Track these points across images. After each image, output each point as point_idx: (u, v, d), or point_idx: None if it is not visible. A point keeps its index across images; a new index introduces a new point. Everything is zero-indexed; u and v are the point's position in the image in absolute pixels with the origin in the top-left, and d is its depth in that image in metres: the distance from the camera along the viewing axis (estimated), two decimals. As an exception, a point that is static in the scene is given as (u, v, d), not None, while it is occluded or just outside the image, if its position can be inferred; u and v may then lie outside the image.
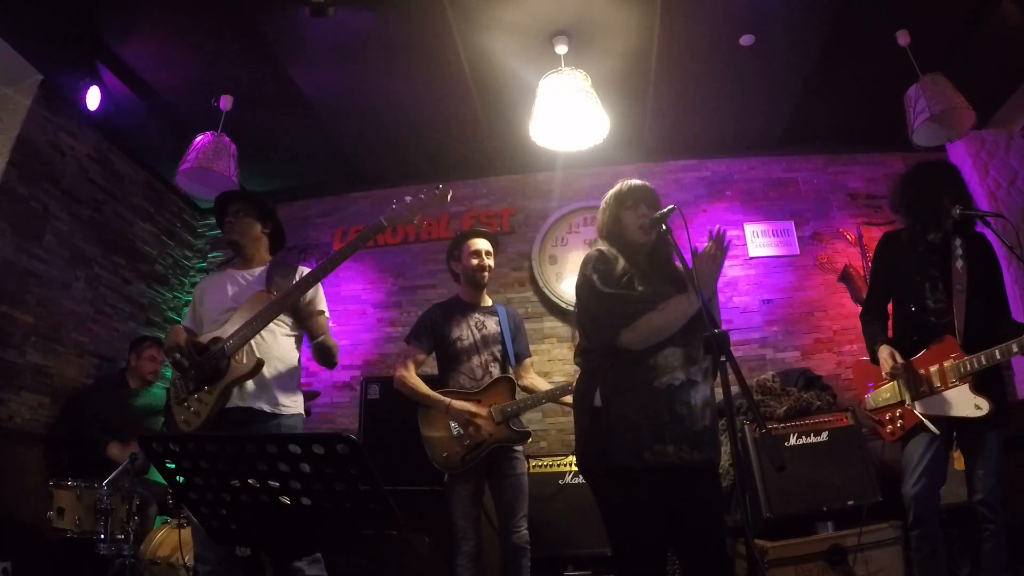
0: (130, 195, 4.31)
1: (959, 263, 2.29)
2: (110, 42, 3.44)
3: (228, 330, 2.27)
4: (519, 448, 2.81)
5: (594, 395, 1.86)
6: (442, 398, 2.71)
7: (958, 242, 2.33)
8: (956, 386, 2.17)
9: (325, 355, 2.41)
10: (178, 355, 2.26)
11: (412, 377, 2.79)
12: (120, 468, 2.90)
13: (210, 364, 2.23)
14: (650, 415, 1.77)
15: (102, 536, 2.76)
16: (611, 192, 2.07)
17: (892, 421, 2.35)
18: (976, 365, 2.13)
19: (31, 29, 3.29)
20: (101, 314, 3.98)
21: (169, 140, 4.04)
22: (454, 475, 2.67)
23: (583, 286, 1.95)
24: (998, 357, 2.08)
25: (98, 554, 2.77)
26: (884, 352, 2.31)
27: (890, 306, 2.51)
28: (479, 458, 2.66)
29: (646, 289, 1.88)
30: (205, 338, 2.31)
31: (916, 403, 2.27)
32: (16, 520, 3.08)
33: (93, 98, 3.56)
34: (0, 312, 3.28)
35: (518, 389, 2.87)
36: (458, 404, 2.68)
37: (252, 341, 2.24)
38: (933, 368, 2.22)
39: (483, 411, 2.70)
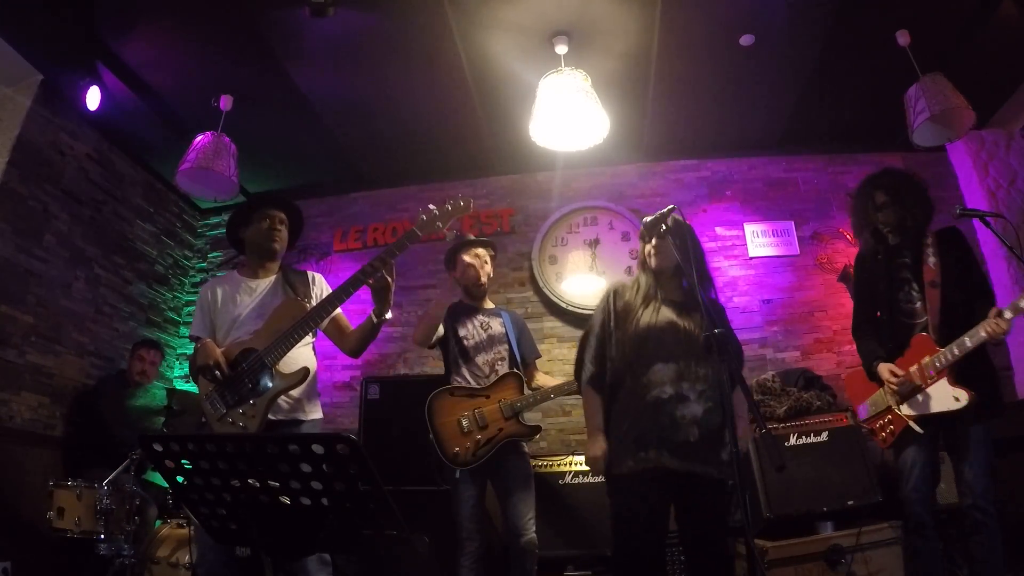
0: (130, 195, 4.32)
1: (931, 260, 2.29)
2: (110, 42, 3.44)
3: (259, 340, 2.24)
4: (526, 447, 2.82)
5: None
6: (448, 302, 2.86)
7: (929, 240, 2.34)
8: (935, 381, 2.17)
9: (372, 336, 2.40)
10: (218, 373, 2.21)
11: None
12: (120, 468, 2.91)
13: (251, 377, 2.20)
14: (637, 426, 1.95)
15: (102, 536, 2.76)
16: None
17: (883, 428, 2.36)
18: (949, 357, 2.12)
19: (31, 29, 3.29)
20: (101, 314, 3.98)
21: (169, 140, 4.05)
22: (462, 474, 2.65)
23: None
24: (968, 344, 2.08)
25: (98, 554, 2.77)
26: (885, 371, 2.29)
27: None
28: (490, 453, 2.66)
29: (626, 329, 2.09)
30: (231, 351, 2.27)
31: (901, 406, 2.28)
32: (16, 520, 3.08)
33: (93, 98, 3.56)
34: (0, 312, 3.29)
35: (526, 385, 2.87)
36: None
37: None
38: (913, 368, 2.23)
39: (494, 404, 2.72)
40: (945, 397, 2.15)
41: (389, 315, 2.31)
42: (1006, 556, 2.08)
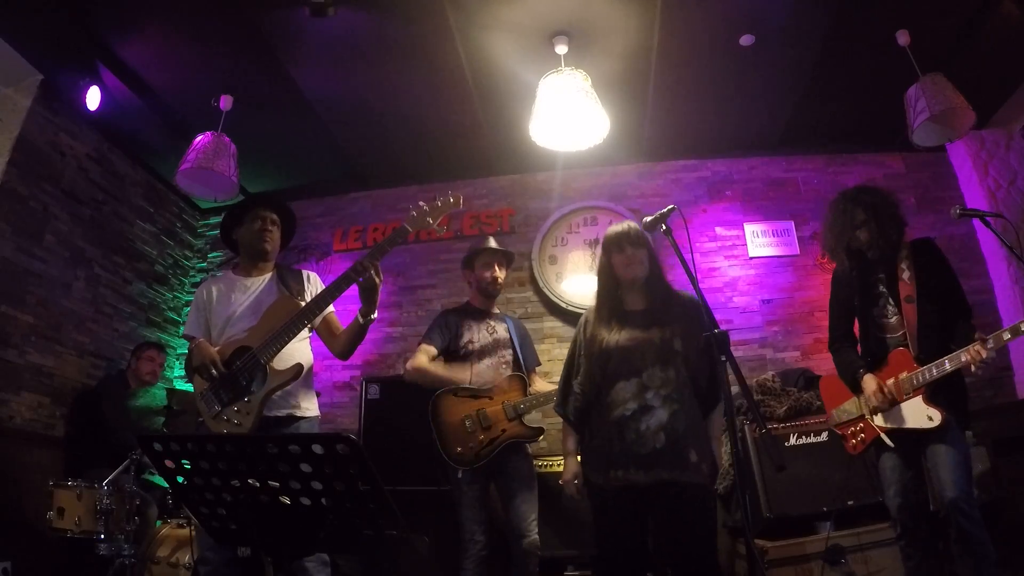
0: (130, 195, 4.31)
1: (906, 274, 2.29)
2: (110, 42, 3.44)
3: (253, 338, 2.25)
4: (529, 448, 2.83)
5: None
6: (461, 375, 2.75)
7: (903, 253, 2.34)
8: (911, 398, 2.18)
9: (359, 337, 2.39)
10: (213, 371, 2.22)
11: (424, 363, 2.78)
12: (120, 468, 2.91)
13: (245, 374, 2.21)
14: (604, 446, 2.01)
15: (102, 536, 2.76)
16: (601, 243, 2.28)
17: (854, 435, 2.38)
18: (927, 377, 2.13)
19: (31, 29, 3.29)
20: (101, 314, 3.98)
21: (169, 140, 4.05)
22: (464, 475, 2.64)
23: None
24: (948, 368, 2.08)
25: (98, 554, 2.77)
26: (872, 383, 2.27)
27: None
28: (493, 454, 2.66)
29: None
30: (225, 350, 2.28)
31: (874, 417, 2.28)
32: (16, 520, 3.08)
33: (93, 98, 3.56)
34: (0, 312, 3.29)
35: (529, 388, 2.88)
36: (479, 366, 2.77)
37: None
38: (890, 382, 2.23)
39: (497, 406, 2.73)
40: (919, 415, 2.16)
41: (375, 315, 2.31)
42: (1005, 557, 2.06)
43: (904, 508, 2.20)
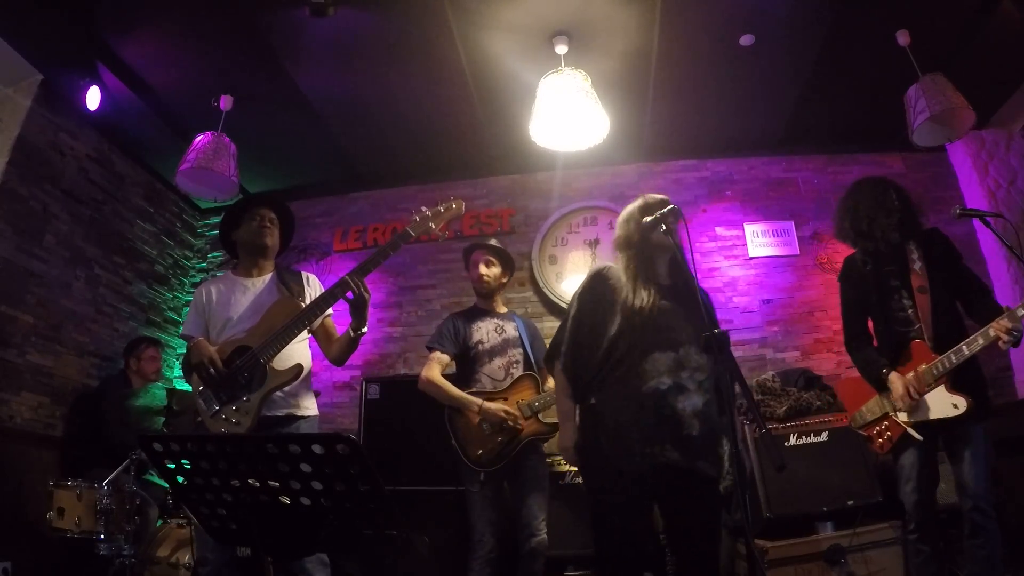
0: (130, 195, 4.31)
1: (917, 265, 2.30)
2: (110, 42, 3.45)
3: (253, 338, 2.25)
4: (543, 447, 2.83)
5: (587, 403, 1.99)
6: (473, 399, 2.71)
7: (912, 245, 2.34)
8: (933, 388, 2.17)
9: (352, 348, 2.40)
10: (212, 370, 2.22)
11: (439, 378, 2.78)
12: (120, 468, 2.91)
13: (244, 374, 2.21)
14: (639, 419, 1.83)
15: (102, 536, 2.76)
16: (635, 206, 2.08)
17: (880, 435, 2.36)
18: (947, 365, 2.13)
19: (31, 29, 3.29)
20: (101, 314, 3.98)
21: (169, 140, 4.05)
22: (484, 476, 2.63)
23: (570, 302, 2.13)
24: (965, 352, 2.08)
25: (98, 554, 2.77)
26: (899, 387, 2.23)
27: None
28: (513, 454, 2.66)
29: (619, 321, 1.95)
30: (224, 349, 2.29)
31: (899, 413, 2.27)
32: (16, 520, 3.08)
33: (93, 98, 3.56)
34: (0, 312, 3.29)
35: (541, 385, 2.88)
36: (490, 405, 2.68)
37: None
38: (910, 375, 2.22)
39: (513, 409, 2.71)
40: (944, 404, 2.15)
41: (366, 329, 2.33)
42: (1006, 557, 2.08)
43: (921, 503, 2.20)
